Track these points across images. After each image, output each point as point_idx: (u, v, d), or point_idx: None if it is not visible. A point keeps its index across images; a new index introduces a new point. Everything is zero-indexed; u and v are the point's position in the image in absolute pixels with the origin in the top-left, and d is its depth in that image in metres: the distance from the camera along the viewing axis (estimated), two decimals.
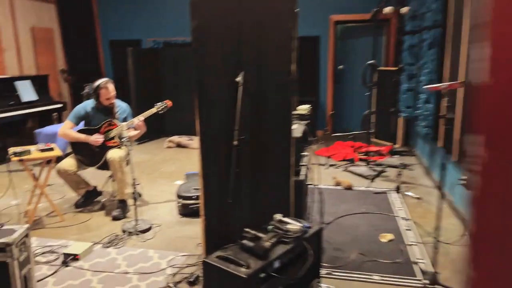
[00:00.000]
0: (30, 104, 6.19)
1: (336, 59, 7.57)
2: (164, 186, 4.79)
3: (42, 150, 3.66)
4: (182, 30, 7.57)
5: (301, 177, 2.75)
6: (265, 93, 2.51)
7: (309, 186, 3.23)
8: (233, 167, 2.39)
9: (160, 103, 4.08)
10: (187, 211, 3.85)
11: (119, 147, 4.00)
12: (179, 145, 6.76)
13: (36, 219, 3.84)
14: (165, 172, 5.38)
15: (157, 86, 7.32)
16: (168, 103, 4.10)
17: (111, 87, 3.93)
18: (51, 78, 7.37)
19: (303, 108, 3.47)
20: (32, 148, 3.73)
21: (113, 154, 3.83)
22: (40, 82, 6.63)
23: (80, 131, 3.97)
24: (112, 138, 3.97)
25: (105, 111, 4.02)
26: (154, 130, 7.10)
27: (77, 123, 4.00)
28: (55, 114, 6.80)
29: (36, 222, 3.76)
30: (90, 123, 4.03)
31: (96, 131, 3.97)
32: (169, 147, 6.76)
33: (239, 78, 2.47)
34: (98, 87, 3.88)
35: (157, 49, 7.58)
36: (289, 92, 2.48)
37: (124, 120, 4.07)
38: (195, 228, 3.58)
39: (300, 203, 2.69)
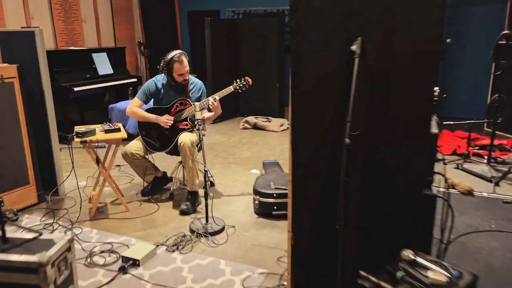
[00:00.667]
0: (106, 78, 5.96)
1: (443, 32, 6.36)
2: (239, 175, 4.22)
3: (107, 131, 3.24)
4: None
5: (433, 190, 1.96)
6: (392, 70, 1.74)
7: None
8: (341, 176, 1.68)
9: (239, 80, 3.46)
10: (265, 211, 3.24)
11: (191, 131, 3.46)
12: (255, 127, 6.17)
13: (100, 206, 3.48)
14: (240, 157, 4.82)
15: (235, 60, 6.74)
16: (249, 80, 3.46)
17: (185, 61, 3.38)
18: (128, 51, 7.13)
19: None
20: (97, 127, 3.33)
21: (184, 138, 3.31)
22: (117, 55, 6.38)
23: (149, 110, 3.50)
24: (184, 119, 3.45)
25: (178, 89, 3.50)
26: (230, 109, 6.58)
27: (146, 101, 3.52)
28: (130, 88, 6.56)
29: (100, 210, 3.39)
30: (160, 102, 3.54)
31: (167, 111, 3.47)
32: (245, 128, 6.20)
33: (355, 47, 1.72)
34: (171, 60, 3.35)
35: (236, 19, 6.96)
36: (432, 68, 1.68)
37: (198, 99, 3.52)
38: (275, 234, 2.95)
39: (430, 226, 1.91)
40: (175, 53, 3.36)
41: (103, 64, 5.99)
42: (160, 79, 3.54)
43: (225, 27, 6.58)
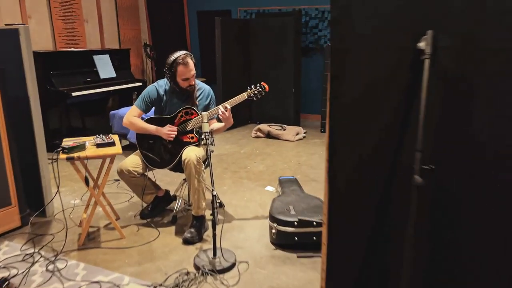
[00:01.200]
0: (109, 82, 5.52)
1: None
2: (251, 193, 3.72)
3: (99, 145, 2.77)
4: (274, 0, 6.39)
5: None
6: (478, 76, 1.24)
7: None
8: (409, 231, 1.18)
9: (253, 86, 2.97)
10: (284, 241, 2.73)
11: (197, 145, 2.98)
12: (268, 135, 5.67)
13: (92, 230, 3.01)
14: (253, 171, 4.32)
15: (247, 63, 6.26)
16: (265, 86, 2.97)
17: (190, 63, 2.90)
18: (133, 53, 6.71)
19: None
20: (88, 140, 2.86)
21: (189, 154, 2.82)
22: (120, 57, 5.94)
23: (149, 120, 3.03)
24: (190, 131, 2.97)
25: (182, 96, 3.02)
26: (241, 116, 6.10)
27: (146, 110, 3.05)
28: (135, 93, 6.11)
29: (91, 237, 2.92)
30: (162, 111, 3.06)
31: (170, 121, 2.99)
32: (257, 136, 5.71)
33: (423, 44, 1.23)
34: (174, 62, 2.88)
35: (248, 19, 6.48)
36: None
37: (206, 108, 3.05)
38: (297, 272, 2.44)
39: None
40: (179, 54, 2.89)
41: (105, 67, 5.55)
42: (162, 84, 3.07)
43: (236, 28, 6.10)
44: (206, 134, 2.67)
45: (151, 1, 7.11)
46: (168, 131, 2.92)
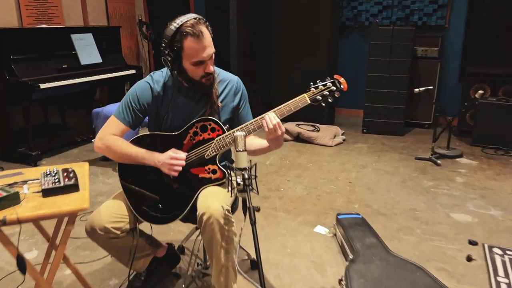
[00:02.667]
0: (92, 69, 4.24)
1: None
2: (296, 238, 2.50)
3: (47, 192, 1.52)
4: None
5: None
6: None
7: None
8: None
9: (320, 82, 1.72)
10: None
11: (222, 181, 1.73)
12: (298, 138, 4.43)
13: None
14: (289, 196, 3.09)
15: (269, 46, 4.96)
16: (341, 81, 1.70)
17: (206, 35, 1.64)
18: (125, 33, 5.40)
19: None
20: (27, 185, 1.63)
21: (209, 203, 1.60)
22: (108, 37, 4.65)
23: (139, 140, 1.78)
24: (210, 161, 1.72)
25: (195, 95, 1.78)
26: (260, 113, 4.82)
27: (134, 123, 1.79)
28: (128, 83, 4.85)
29: None
30: (160, 122, 1.81)
31: (175, 142, 1.75)
32: (284, 140, 4.44)
33: None
34: (178, 33, 1.61)
35: None
36: None
37: (236, 114, 1.84)
38: None
39: None
40: (185, 18, 1.62)
41: (87, 50, 4.27)
42: (159, 78, 1.81)
43: (256, 2, 4.78)
44: (244, 171, 1.44)
45: None
46: (171, 160, 1.68)
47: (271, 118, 1.63)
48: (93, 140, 4.09)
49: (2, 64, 3.60)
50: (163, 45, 1.64)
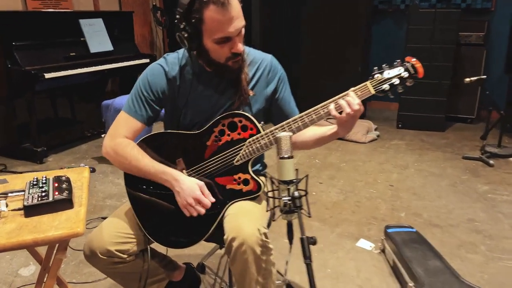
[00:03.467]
0: (103, 58, 3.89)
1: None
2: (337, 254, 2.10)
3: (30, 210, 1.16)
4: None
5: None
6: None
7: None
8: None
9: (387, 67, 1.30)
10: None
11: (254, 197, 1.35)
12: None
13: None
14: (323, 202, 2.69)
15: (296, 33, 4.53)
16: (417, 66, 1.28)
17: (235, 4, 1.21)
18: (138, 19, 5.03)
19: None
20: (12, 192, 1.27)
21: (240, 223, 1.22)
22: (120, 24, 4.30)
23: (149, 140, 1.40)
24: (242, 168, 1.34)
25: (220, 82, 1.39)
26: None
27: (149, 118, 1.40)
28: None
29: None
30: (177, 116, 1.43)
31: (196, 144, 1.37)
32: None
33: None
34: (199, 0, 1.20)
35: None
36: None
37: (272, 106, 1.44)
38: None
39: None
40: None
41: (97, 37, 3.92)
42: (174, 60, 1.42)
43: None
44: (291, 185, 1.06)
45: None
46: (191, 199, 1.27)
47: (353, 96, 1.25)
48: (102, 135, 3.77)
49: (4, 52, 3.27)
50: (177, 16, 1.25)
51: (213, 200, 1.31)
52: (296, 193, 1.05)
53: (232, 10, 1.21)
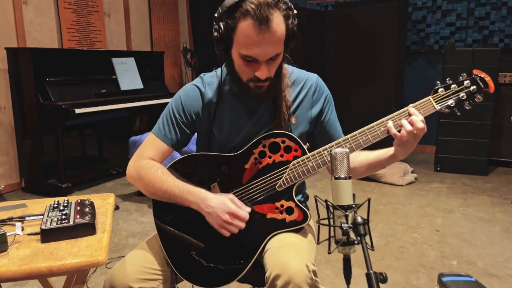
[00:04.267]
0: (132, 96, 3.90)
1: None
2: None
3: (46, 234, 1.02)
4: None
5: None
6: None
7: None
8: None
9: (451, 82, 1.15)
10: None
11: (301, 226, 1.17)
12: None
13: None
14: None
15: (323, 71, 4.48)
16: (487, 80, 1.13)
17: (272, 27, 1.06)
18: (169, 60, 5.13)
19: None
20: (28, 216, 1.14)
21: (284, 256, 1.05)
22: (151, 64, 4.35)
23: (182, 163, 1.26)
24: (285, 194, 1.18)
25: (257, 104, 1.26)
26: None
27: (178, 143, 1.27)
28: None
29: None
30: (212, 138, 1.29)
31: (234, 166, 1.22)
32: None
33: None
34: (240, 9, 1.06)
35: (325, 11, 4.75)
36: None
37: (317, 129, 1.30)
38: None
39: None
40: None
41: (128, 75, 3.95)
42: (211, 80, 1.29)
43: (308, 22, 4.37)
44: (349, 212, 0.88)
45: None
46: (227, 216, 1.13)
47: (416, 113, 1.10)
48: None
49: (37, 87, 3.30)
50: (215, 15, 1.14)
51: (249, 209, 1.15)
52: (359, 219, 0.88)
53: (267, 33, 1.06)
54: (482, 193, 3.34)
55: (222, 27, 1.11)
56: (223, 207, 1.13)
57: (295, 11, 1.14)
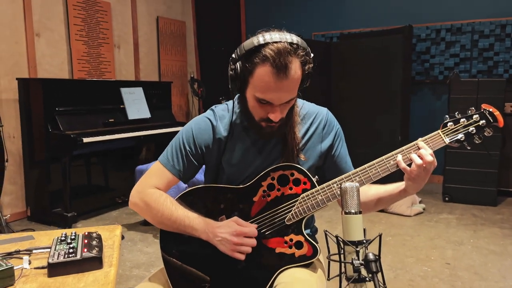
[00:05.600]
0: (140, 125, 3.94)
1: None
2: None
3: (54, 268, 1.01)
4: (360, 20, 4.73)
5: None
6: None
7: None
8: None
9: (460, 116, 1.16)
10: None
11: (308, 264, 1.15)
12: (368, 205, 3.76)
13: None
14: None
15: (328, 101, 4.52)
16: (496, 114, 1.13)
17: (290, 75, 1.08)
18: (176, 90, 5.21)
19: None
20: (36, 249, 1.13)
21: None
22: (158, 93, 4.42)
23: (187, 196, 1.25)
24: (293, 228, 1.17)
25: (267, 141, 1.26)
26: None
27: (186, 174, 1.27)
28: None
29: None
30: (221, 171, 1.29)
31: (242, 199, 1.21)
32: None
33: None
34: (258, 54, 1.08)
35: (330, 43, 4.84)
36: None
37: (327, 164, 1.29)
38: None
39: None
40: (277, 38, 1.08)
41: (136, 105, 4.00)
42: (223, 113, 1.30)
43: (313, 54, 4.44)
44: (360, 247, 0.87)
45: (202, 28, 5.69)
46: (235, 238, 1.12)
47: (424, 147, 1.10)
48: None
49: (46, 116, 3.35)
50: (233, 56, 1.16)
51: (255, 225, 1.14)
52: (370, 255, 0.86)
53: (284, 81, 1.08)
54: (492, 225, 3.29)
55: (238, 68, 1.12)
56: (229, 230, 1.13)
57: (311, 55, 1.16)
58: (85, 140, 3.31)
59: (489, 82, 3.74)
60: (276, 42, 1.08)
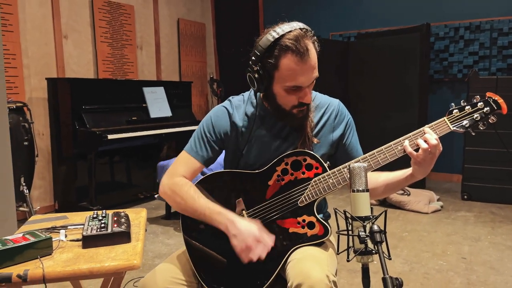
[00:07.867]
0: (161, 123, 4.07)
1: None
2: None
3: (88, 240, 1.12)
4: (378, 20, 4.76)
5: None
6: None
7: None
8: None
9: (465, 103, 1.22)
10: None
11: (322, 240, 1.23)
12: (384, 202, 3.79)
13: None
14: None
15: (346, 100, 4.56)
16: (499, 101, 1.19)
17: (312, 54, 1.20)
18: (196, 90, 5.34)
19: None
20: (70, 225, 1.24)
21: (305, 266, 1.11)
22: (179, 93, 4.55)
23: (207, 180, 1.35)
24: (306, 209, 1.25)
25: (282, 126, 1.35)
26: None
27: (209, 159, 1.37)
28: None
29: None
30: (238, 157, 1.38)
31: (258, 183, 1.30)
32: None
33: None
34: (278, 47, 1.18)
35: (348, 42, 4.88)
36: None
37: (339, 152, 1.35)
38: None
39: None
40: (289, 28, 1.19)
41: (158, 104, 4.14)
42: (239, 103, 1.41)
43: (331, 54, 4.50)
44: (367, 222, 0.94)
45: (221, 29, 5.82)
46: (250, 241, 1.18)
47: (430, 132, 1.16)
48: (156, 196, 3.81)
49: (74, 114, 3.51)
50: (253, 58, 1.25)
51: (273, 239, 1.21)
52: (375, 227, 0.93)
53: (309, 61, 1.19)
54: (511, 222, 3.27)
55: (261, 67, 1.21)
56: (249, 232, 1.19)
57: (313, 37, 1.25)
58: (110, 137, 3.45)
59: (508, 79, 3.72)
60: (289, 32, 1.17)
